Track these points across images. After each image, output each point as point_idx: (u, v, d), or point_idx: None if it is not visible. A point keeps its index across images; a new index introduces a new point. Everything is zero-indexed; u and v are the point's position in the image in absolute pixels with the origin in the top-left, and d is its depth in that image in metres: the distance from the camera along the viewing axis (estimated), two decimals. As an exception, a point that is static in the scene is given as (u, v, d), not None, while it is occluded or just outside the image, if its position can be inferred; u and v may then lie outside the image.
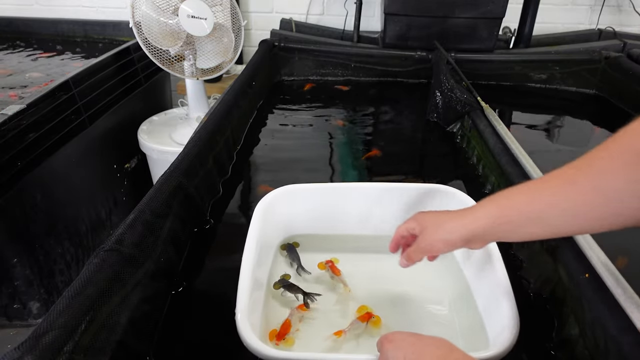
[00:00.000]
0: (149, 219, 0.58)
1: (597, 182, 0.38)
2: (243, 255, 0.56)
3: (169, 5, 1.11)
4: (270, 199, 0.66)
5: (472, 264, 0.61)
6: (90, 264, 0.48)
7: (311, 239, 0.71)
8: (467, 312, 0.57)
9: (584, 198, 0.39)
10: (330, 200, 0.69)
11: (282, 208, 0.67)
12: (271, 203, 0.66)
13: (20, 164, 0.98)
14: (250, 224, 0.61)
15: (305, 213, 0.69)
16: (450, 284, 0.63)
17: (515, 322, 0.48)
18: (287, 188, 0.68)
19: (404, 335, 0.42)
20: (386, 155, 1.07)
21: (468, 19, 1.44)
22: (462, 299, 0.60)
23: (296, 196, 0.68)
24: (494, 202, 0.46)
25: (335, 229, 0.71)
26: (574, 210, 0.40)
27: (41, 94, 1.04)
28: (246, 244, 0.58)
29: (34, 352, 0.37)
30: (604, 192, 0.38)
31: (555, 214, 0.41)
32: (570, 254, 0.54)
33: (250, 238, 0.59)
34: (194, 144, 0.80)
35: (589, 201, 0.39)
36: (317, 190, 0.69)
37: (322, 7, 1.88)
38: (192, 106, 1.33)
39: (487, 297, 0.55)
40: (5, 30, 1.81)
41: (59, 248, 1.15)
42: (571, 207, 0.40)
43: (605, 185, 0.38)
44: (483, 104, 1.07)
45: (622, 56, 1.39)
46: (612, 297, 0.46)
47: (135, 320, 0.50)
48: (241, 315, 0.48)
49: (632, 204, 0.37)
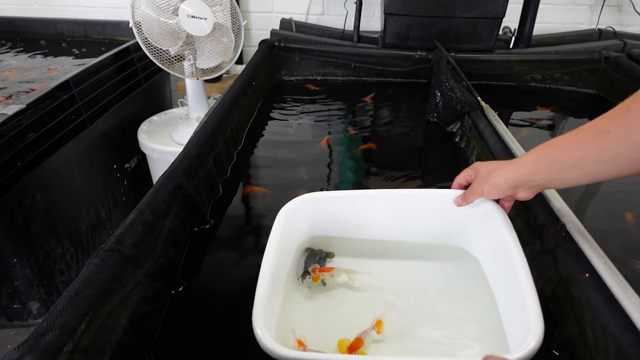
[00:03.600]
0: (149, 219, 0.58)
1: (629, 131, 0.43)
2: (262, 260, 0.55)
3: (169, 5, 1.11)
4: (292, 206, 0.64)
5: (495, 266, 0.60)
6: (90, 264, 0.48)
7: (334, 242, 0.69)
8: (486, 315, 0.56)
9: (616, 146, 0.44)
10: (353, 207, 0.67)
11: (304, 215, 0.66)
12: (293, 210, 0.64)
13: (20, 164, 0.98)
14: (272, 229, 0.60)
15: (328, 221, 0.68)
16: (472, 287, 0.61)
17: (541, 326, 0.46)
18: (310, 196, 0.66)
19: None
20: (386, 155, 1.07)
21: (468, 19, 1.44)
22: (483, 302, 0.59)
23: (319, 204, 0.66)
24: (536, 151, 0.51)
25: (358, 235, 0.69)
26: (607, 156, 0.45)
27: (41, 94, 1.04)
28: (266, 251, 0.57)
29: (34, 352, 0.37)
30: (634, 141, 0.42)
31: (590, 161, 0.46)
32: (570, 254, 0.54)
33: (270, 245, 0.58)
34: (194, 144, 0.80)
35: (620, 148, 0.43)
36: (339, 199, 0.67)
37: (322, 7, 1.88)
38: (192, 106, 1.33)
39: (509, 300, 0.54)
40: (5, 30, 1.82)
41: (59, 248, 1.15)
42: (604, 154, 0.45)
43: (636, 135, 0.42)
44: (483, 104, 1.07)
45: (622, 56, 1.39)
46: (612, 297, 0.46)
47: (135, 320, 0.50)
48: (257, 316, 0.47)
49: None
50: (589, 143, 0.46)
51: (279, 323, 0.53)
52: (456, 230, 0.66)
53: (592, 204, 0.86)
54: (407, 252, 0.68)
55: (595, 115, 0.46)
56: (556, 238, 0.58)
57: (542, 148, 0.51)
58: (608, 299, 0.46)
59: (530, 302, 0.48)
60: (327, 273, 0.61)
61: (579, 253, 0.53)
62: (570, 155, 0.47)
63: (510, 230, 0.57)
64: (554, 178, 0.50)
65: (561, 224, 0.58)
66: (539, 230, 0.62)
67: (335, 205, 0.67)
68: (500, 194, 0.56)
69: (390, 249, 0.68)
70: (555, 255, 0.57)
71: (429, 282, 0.62)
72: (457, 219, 0.64)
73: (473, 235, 0.65)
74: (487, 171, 0.56)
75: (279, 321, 0.53)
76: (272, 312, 0.53)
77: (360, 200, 0.67)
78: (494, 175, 0.55)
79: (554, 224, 0.59)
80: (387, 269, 0.64)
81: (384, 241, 0.69)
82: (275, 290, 0.56)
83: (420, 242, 0.68)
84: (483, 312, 0.57)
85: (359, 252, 0.68)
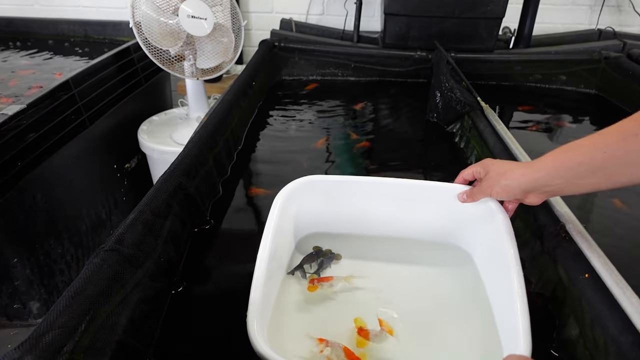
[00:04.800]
0: (149, 219, 0.58)
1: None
2: (258, 254, 0.55)
3: (169, 5, 1.11)
4: (288, 191, 0.62)
5: (490, 268, 0.60)
6: (90, 264, 0.48)
7: (333, 241, 0.68)
8: (481, 316, 0.56)
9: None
10: (354, 195, 0.65)
11: (301, 202, 0.64)
12: (290, 196, 0.62)
13: (20, 164, 0.98)
14: (268, 217, 0.59)
15: (326, 209, 0.66)
16: (466, 288, 0.61)
17: (528, 330, 0.46)
18: (309, 178, 0.64)
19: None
20: (386, 155, 1.07)
21: (468, 19, 1.44)
22: (477, 303, 0.58)
23: (317, 188, 0.64)
24: (554, 155, 0.49)
25: (356, 228, 0.68)
26: (634, 159, 0.43)
27: (41, 94, 1.04)
28: (260, 247, 0.56)
29: (34, 352, 0.37)
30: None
31: (616, 164, 0.44)
32: (570, 254, 0.54)
33: (265, 235, 0.57)
34: (194, 144, 0.80)
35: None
36: (340, 183, 0.65)
37: (322, 7, 1.88)
38: (192, 106, 1.33)
39: (502, 302, 0.54)
40: (5, 30, 1.82)
41: (59, 248, 1.15)
42: (632, 157, 0.43)
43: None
44: (483, 104, 1.07)
45: (622, 56, 1.39)
46: (612, 297, 0.46)
47: (135, 320, 0.50)
48: (251, 319, 0.47)
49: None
50: (615, 146, 0.44)
51: (273, 325, 0.53)
52: (456, 228, 0.66)
53: (593, 204, 0.86)
54: (405, 253, 0.67)
55: (595, 115, 0.46)
56: (556, 238, 0.58)
57: (561, 152, 0.49)
58: (607, 300, 0.46)
59: (522, 320, 0.47)
60: (326, 283, 0.60)
61: (579, 253, 0.54)
62: (593, 158, 0.45)
63: (510, 235, 0.56)
64: (572, 183, 0.48)
65: (561, 224, 0.58)
66: (538, 230, 0.62)
67: (335, 190, 0.65)
68: (510, 196, 0.55)
69: (389, 250, 0.68)
70: (554, 255, 0.57)
71: (426, 288, 0.61)
72: (458, 215, 0.64)
73: (472, 235, 0.65)
74: (499, 172, 0.54)
75: (273, 323, 0.53)
76: (267, 313, 0.53)
77: (362, 186, 0.65)
78: (506, 177, 0.53)
79: (554, 225, 0.59)
80: (385, 273, 0.64)
81: (383, 237, 0.68)
82: (270, 291, 0.55)
83: (419, 238, 0.68)
84: (479, 324, 0.56)
85: (358, 253, 0.67)
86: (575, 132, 1.22)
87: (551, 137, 1.18)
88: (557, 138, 1.18)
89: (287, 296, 0.59)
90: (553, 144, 1.15)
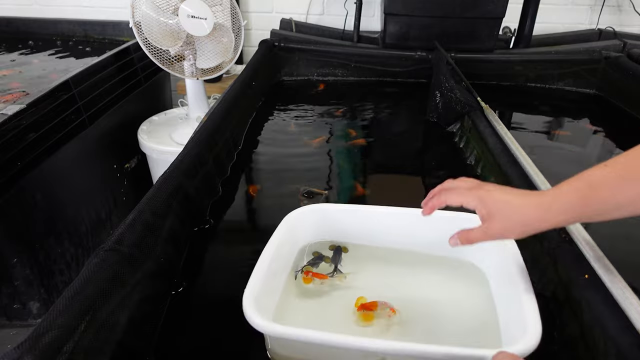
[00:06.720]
0: (148, 219, 0.58)
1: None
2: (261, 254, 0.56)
3: (169, 5, 1.11)
4: (293, 218, 0.63)
5: (495, 270, 0.60)
6: (90, 264, 0.48)
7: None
8: (483, 311, 0.56)
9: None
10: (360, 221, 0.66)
11: (309, 222, 0.65)
12: (297, 218, 0.63)
13: (20, 164, 0.98)
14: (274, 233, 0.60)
15: (333, 228, 0.67)
16: (470, 285, 0.61)
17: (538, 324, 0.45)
18: (316, 207, 0.65)
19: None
20: (386, 155, 1.07)
21: (468, 19, 1.44)
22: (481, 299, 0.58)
23: (325, 217, 0.66)
24: (577, 191, 0.43)
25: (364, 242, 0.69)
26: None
27: (41, 94, 1.04)
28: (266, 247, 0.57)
29: (34, 352, 0.37)
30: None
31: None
32: (570, 255, 0.54)
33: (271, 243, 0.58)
34: (194, 144, 0.80)
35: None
36: (346, 212, 0.66)
37: (322, 7, 1.88)
38: (192, 106, 1.33)
39: (507, 299, 0.54)
40: (5, 30, 1.81)
41: (59, 248, 1.15)
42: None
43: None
44: (483, 104, 1.07)
45: (622, 56, 1.39)
46: (612, 298, 0.46)
47: (135, 320, 0.50)
48: (248, 294, 0.48)
49: None
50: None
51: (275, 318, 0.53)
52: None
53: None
54: (412, 261, 0.66)
55: (595, 115, 0.46)
56: (556, 239, 0.58)
57: (584, 186, 0.43)
58: (607, 300, 0.46)
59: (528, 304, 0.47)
60: (318, 280, 0.61)
61: (579, 254, 0.54)
62: (621, 194, 0.41)
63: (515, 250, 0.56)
64: (589, 218, 0.43)
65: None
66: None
67: (341, 217, 0.66)
68: (523, 237, 0.47)
69: (396, 258, 0.67)
70: (555, 256, 0.57)
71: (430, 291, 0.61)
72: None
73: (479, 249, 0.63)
74: (505, 212, 0.46)
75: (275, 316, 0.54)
76: (267, 299, 0.53)
77: (368, 215, 0.66)
78: (521, 224, 0.45)
79: (554, 225, 0.59)
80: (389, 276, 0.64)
81: (391, 249, 0.68)
82: (274, 283, 0.56)
83: (427, 253, 0.67)
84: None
85: (364, 260, 0.66)
86: (575, 132, 1.22)
87: (551, 137, 1.18)
88: (556, 138, 1.18)
89: (289, 290, 0.60)
90: (553, 144, 1.14)
